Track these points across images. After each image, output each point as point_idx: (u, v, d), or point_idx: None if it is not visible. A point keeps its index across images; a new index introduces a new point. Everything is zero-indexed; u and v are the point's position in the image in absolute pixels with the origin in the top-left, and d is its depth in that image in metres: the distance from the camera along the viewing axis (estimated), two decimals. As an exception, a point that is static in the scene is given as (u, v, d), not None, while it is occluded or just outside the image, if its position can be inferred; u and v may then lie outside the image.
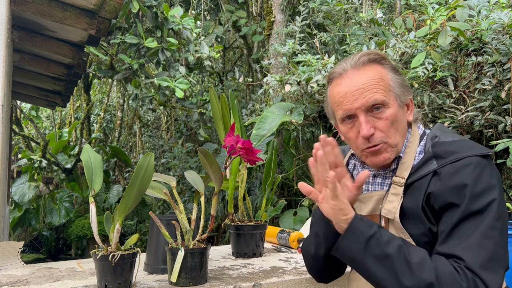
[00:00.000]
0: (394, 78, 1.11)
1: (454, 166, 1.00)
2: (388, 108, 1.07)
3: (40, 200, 5.67)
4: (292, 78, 3.05)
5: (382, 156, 1.08)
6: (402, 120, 1.10)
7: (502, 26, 2.18)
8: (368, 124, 1.06)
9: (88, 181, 1.31)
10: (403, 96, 1.11)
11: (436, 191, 1.00)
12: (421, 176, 1.05)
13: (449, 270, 0.92)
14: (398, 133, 1.09)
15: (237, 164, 1.76)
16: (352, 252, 0.98)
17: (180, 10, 3.98)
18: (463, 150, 1.02)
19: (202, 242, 1.39)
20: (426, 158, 1.06)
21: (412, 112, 1.15)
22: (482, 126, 2.29)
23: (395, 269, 0.93)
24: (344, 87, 1.09)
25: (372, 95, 1.06)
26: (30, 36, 3.02)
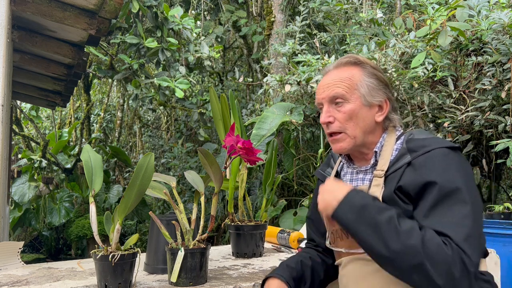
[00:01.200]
0: (365, 80, 1.25)
1: (425, 156, 1.12)
2: (348, 103, 1.23)
3: (40, 200, 5.67)
4: (292, 78, 3.05)
5: (338, 144, 1.24)
6: (365, 117, 1.24)
7: (502, 26, 2.18)
8: (327, 113, 1.25)
9: (88, 181, 1.31)
10: (369, 97, 1.24)
11: (411, 180, 1.11)
12: (397, 168, 1.16)
13: (436, 240, 0.98)
14: (358, 128, 1.23)
15: (237, 164, 1.76)
16: (347, 220, 1.09)
17: (180, 10, 3.98)
18: (433, 143, 1.15)
19: (202, 242, 1.39)
20: (401, 152, 1.19)
21: (384, 114, 1.26)
22: (482, 126, 2.29)
23: (384, 235, 1.01)
24: (321, 82, 1.31)
25: (334, 89, 1.24)
26: (30, 36, 3.02)
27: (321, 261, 1.39)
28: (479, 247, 1.02)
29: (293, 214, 3.34)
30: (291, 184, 3.67)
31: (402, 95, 2.66)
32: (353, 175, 1.32)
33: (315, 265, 1.36)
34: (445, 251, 0.97)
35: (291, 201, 3.84)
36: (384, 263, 1.03)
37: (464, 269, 0.96)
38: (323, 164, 1.48)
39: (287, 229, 2.04)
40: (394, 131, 1.27)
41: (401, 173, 1.14)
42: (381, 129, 1.27)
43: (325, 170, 1.44)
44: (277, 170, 3.64)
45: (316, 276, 1.35)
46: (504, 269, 2.32)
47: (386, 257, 1.01)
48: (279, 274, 1.26)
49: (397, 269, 1.00)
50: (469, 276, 0.96)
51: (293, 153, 3.46)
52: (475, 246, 1.00)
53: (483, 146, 2.75)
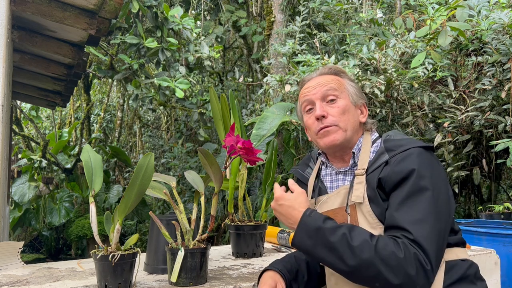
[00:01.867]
0: (350, 83, 1.37)
1: (401, 154, 1.19)
2: (340, 99, 1.31)
3: (40, 200, 5.67)
4: (292, 78, 3.05)
5: (332, 136, 1.28)
6: (353, 115, 1.32)
7: (502, 26, 2.18)
8: (322, 108, 1.31)
9: (88, 181, 1.31)
10: (356, 97, 1.34)
11: (386, 175, 1.18)
12: (376, 167, 1.23)
13: (388, 248, 1.05)
14: (350, 123, 1.30)
15: (237, 164, 1.76)
16: (305, 246, 1.14)
17: (180, 10, 3.98)
18: (409, 143, 1.21)
19: (202, 242, 1.39)
20: (379, 152, 1.26)
21: (366, 117, 1.36)
22: (482, 126, 2.29)
23: (340, 254, 1.07)
24: (307, 85, 1.38)
25: (328, 84, 1.33)
26: (30, 36, 3.02)
27: None
28: (439, 243, 1.08)
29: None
30: (291, 184, 3.66)
31: (402, 95, 2.66)
32: (333, 176, 1.37)
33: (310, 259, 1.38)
34: (397, 255, 1.03)
35: (291, 201, 3.83)
36: (348, 277, 1.10)
37: (419, 267, 1.03)
38: (301, 164, 1.52)
39: (287, 229, 2.04)
40: (369, 134, 1.35)
41: (380, 171, 1.20)
42: (361, 131, 1.35)
43: (304, 170, 1.49)
44: (277, 170, 3.64)
45: (313, 269, 1.37)
46: (504, 269, 2.32)
47: (347, 272, 1.08)
48: (273, 266, 1.30)
49: (360, 280, 1.08)
50: (425, 272, 1.04)
51: (293, 153, 3.46)
52: (435, 242, 1.07)
53: (483, 146, 2.75)
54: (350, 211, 1.25)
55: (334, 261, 1.09)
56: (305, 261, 1.37)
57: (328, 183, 1.37)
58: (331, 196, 1.33)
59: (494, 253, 1.75)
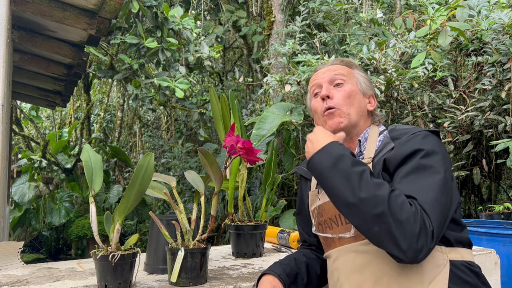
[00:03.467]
0: (360, 73, 1.39)
1: (406, 138, 1.19)
2: (347, 84, 1.33)
3: (40, 200, 5.67)
4: (292, 78, 3.05)
5: (336, 119, 1.29)
6: (359, 101, 1.33)
7: (502, 26, 2.18)
8: (327, 89, 1.33)
9: (88, 181, 1.31)
10: (365, 86, 1.36)
11: (390, 156, 1.17)
12: (382, 155, 1.22)
13: (402, 198, 1.03)
14: (353, 107, 1.31)
15: (237, 164, 1.76)
16: (322, 165, 1.14)
17: (180, 10, 3.98)
18: (414, 129, 1.22)
19: (202, 242, 1.39)
20: (385, 141, 1.25)
21: (374, 107, 1.37)
22: (482, 126, 2.29)
23: (354, 184, 1.06)
24: (317, 72, 1.41)
25: (336, 69, 1.35)
26: (30, 36, 3.02)
27: (316, 257, 1.41)
28: (442, 214, 1.05)
29: (293, 214, 3.34)
30: (291, 184, 3.67)
31: (402, 95, 2.66)
32: None
33: (310, 261, 1.37)
34: (408, 207, 1.01)
35: (291, 201, 3.84)
36: (348, 211, 1.06)
37: (423, 227, 1.00)
38: (304, 162, 1.49)
39: (287, 229, 2.04)
40: (377, 127, 1.35)
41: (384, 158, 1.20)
42: (368, 120, 1.35)
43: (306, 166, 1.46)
44: (277, 170, 3.64)
45: (313, 271, 1.36)
46: (504, 269, 2.32)
47: (351, 203, 1.04)
48: (272, 270, 1.28)
49: (360, 216, 1.03)
50: (427, 233, 1.00)
51: (293, 153, 3.46)
52: (438, 211, 1.04)
53: (483, 146, 2.75)
54: None
55: (344, 188, 1.06)
56: (305, 263, 1.36)
57: None
58: None
59: (494, 253, 1.75)
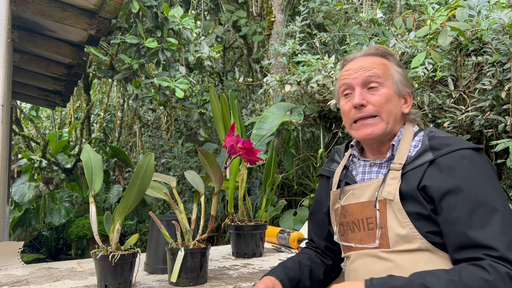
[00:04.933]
0: (396, 69, 1.24)
1: (451, 157, 1.08)
2: (383, 87, 1.19)
3: (40, 200, 5.67)
4: (292, 78, 3.05)
5: (370, 129, 1.19)
6: (396, 105, 1.21)
7: (502, 26, 2.18)
8: (361, 95, 1.19)
9: (88, 181, 1.31)
10: (401, 86, 1.22)
11: (437, 182, 1.07)
12: (418, 165, 1.13)
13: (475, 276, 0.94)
14: (392, 114, 1.19)
15: (237, 164, 1.76)
16: None
17: (180, 10, 3.98)
18: (457, 143, 1.11)
19: (202, 242, 1.39)
20: (422, 149, 1.15)
21: (409, 107, 1.25)
22: (482, 126, 2.29)
23: None
24: (349, 66, 1.25)
25: (371, 69, 1.20)
26: (30, 36, 3.02)
27: (320, 261, 1.38)
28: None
29: (293, 214, 3.34)
30: (291, 184, 3.67)
31: (402, 95, 2.65)
32: (366, 167, 1.27)
33: (313, 265, 1.35)
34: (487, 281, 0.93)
35: (291, 201, 3.84)
36: None
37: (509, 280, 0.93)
38: (327, 162, 1.45)
39: (287, 229, 2.04)
40: (411, 126, 1.24)
41: (423, 171, 1.11)
42: (402, 122, 1.25)
43: (330, 166, 1.40)
44: (277, 170, 3.64)
45: (315, 276, 1.34)
46: (504, 269, 2.32)
47: None
48: (274, 273, 1.26)
49: None
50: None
51: (293, 153, 3.46)
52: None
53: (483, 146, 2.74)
54: (379, 207, 1.15)
55: None
56: (309, 268, 1.33)
57: (360, 175, 1.27)
58: (360, 187, 1.24)
59: (494, 253, 1.74)
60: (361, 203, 1.22)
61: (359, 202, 1.23)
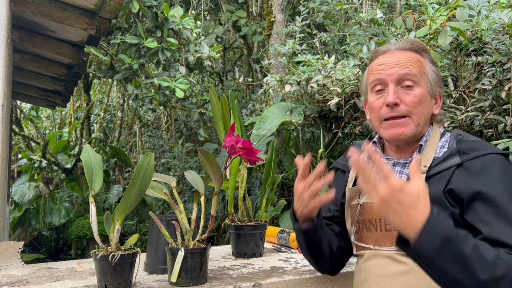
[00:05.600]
0: (431, 68, 1.19)
1: (482, 160, 1.06)
2: (418, 87, 1.14)
3: (40, 200, 5.67)
4: (292, 78, 3.05)
5: (401, 129, 1.14)
6: (428, 106, 1.17)
7: (502, 26, 2.18)
8: (396, 94, 1.13)
9: (88, 181, 1.31)
10: (435, 86, 1.18)
11: (465, 184, 1.04)
12: (445, 168, 1.09)
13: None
14: (423, 116, 1.15)
15: (237, 164, 1.76)
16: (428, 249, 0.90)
17: (180, 10, 3.98)
18: (485, 147, 1.09)
19: (202, 242, 1.39)
20: (450, 152, 1.11)
21: (439, 108, 1.21)
22: (482, 126, 2.29)
23: (471, 267, 0.89)
24: (383, 59, 1.19)
25: (408, 66, 1.14)
26: (30, 36, 3.02)
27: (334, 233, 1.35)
28: None
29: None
30: (291, 184, 3.67)
31: (402, 95, 2.66)
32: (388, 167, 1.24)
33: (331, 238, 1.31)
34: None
35: (291, 201, 3.83)
36: None
37: None
38: (343, 156, 1.40)
39: (287, 229, 2.04)
40: (438, 127, 1.21)
41: (450, 174, 1.07)
42: (430, 122, 1.21)
43: (347, 160, 1.33)
44: (277, 170, 3.64)
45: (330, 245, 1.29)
46: (504, 269, 2.32)
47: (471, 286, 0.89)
48: None
49: None
50: None
51: (293, 153, 3.46)
52: None
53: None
54: None
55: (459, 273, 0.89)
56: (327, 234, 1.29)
57: None
58: None
59: (494, 253, 1.74)
60: None
61: None
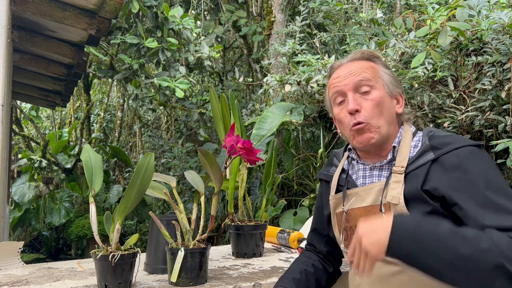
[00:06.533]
0: (384, 71, 1.25)
1: (456, 155, 1.08)
2: (375, 91, 1.19)
3: (40, 200, 5.67)
4: (292, 78, 3.05)
5: (366, 135, 1.18)
6: (388, 107, 1.21)
7: (502, 26, 2.18)
8: (355, 101, 1.18)
9: (88, 181, 1.31)
10: (392, 87, 1.23)
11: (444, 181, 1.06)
12: (419, 165, 1.12)
13: (505, 238, 0.91)
14: (382, 117, 1.18)
15: (237, 164, 1.76)
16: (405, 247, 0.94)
17: (180, 10, 3.98)
18: (457, 141, 1.11)
19: (202, 242, 1.39)
20: (423, 149, 1.14)
21: (402, 107, 1.25)
22: (482, 126, 2.29)
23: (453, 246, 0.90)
24: (338, 73, 1.26)
25: (361, 73, 1.20)
26: (30, 36, 3.02)
27: (323, 268, 1.38)
28: None
29: (293, 214, 3.34)
30: (291, 184, 3.67)
31: (402, 95, 2.66)
32: (366, 171, 1.26)
33: (318, 273, 1.34)
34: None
35: (291, 201, 3.84)
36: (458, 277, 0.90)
37: None
38: (325, 165, 1.44)
39: (287, 229, 2.04)
40: (409, 126, 1.24)
41: (426, 171, 1.10)
42: (397, 123, 1.24)
43: (328, 170, 1.39)
44: (277, 170, 3.64)
45: (320, 284, 1.33)
46: (504, 269, 2.32)
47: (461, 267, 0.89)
48: (285, 285, 1.24)
49: (474, 277, 0.88)
50: None
51: (293, 153, 3.46)
52: None
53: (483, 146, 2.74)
54: (385, 211, 1.14)
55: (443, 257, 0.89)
56: (315, 277, 1.32)
57: (360, 179, 1.26)
58: (361, 191, 1.23)
59: (494, 253, 1.74)
60: (365, 207, 1.21)
61: (362, 206, 1.21)
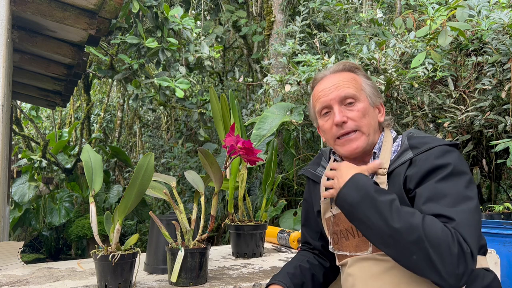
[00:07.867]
0: (366, 82, 1.31)
1: (428, 153, 1.15)
2: (360, 102, 1.25)
3: (40, 200, 5.67)
4: (292, 78, 3.05)
5: (355, 144, 1.24)
6: (373, 116, 1.28)
7: (502, 26, 2.18)
8: (341, 113, 1.24)
9: (88, 181, 1.31)
10: (374, 97, 1.30)
11: (412, 173, 1.14)
12: (399, 164, 1.18)
13: (437, 222, 1.01)
14: (367, 127, 1.25)
15: (237, 164, 1.76)
16: (351, 199, 1.09)
17: (180, 10, 3.98)
18: (434, 141, 1.17)
19: (202, 242, 1.39)
20: (403, 149, 1.21)
21: (383, 116, 1.32)
22: (482, 126, 2.29)
23: (386, 214, 1.03)
24: (322, 85, 1.30)
25: (345, 89, 1.25)
26: (30, 36, 3.02)
27: (319, 264, 1.39)
28: (476, 232, 1.04)
29: (293, 214, 3.34)
30: (291, 184, 3.67)
31: (402, 95, 2.66)
32: None
33: (314, 268, 1.35)
34: (445, 231, 0.98)
35: (291, 201, 3.84)
36: (383, 242, 1.04)
37: (460, 250, 0.98)
38: (312, 163, 1.46)
39: (287, 229, 2.04)
40: (389, 131, 1.31)
41: (405, 169, 1.16)
42: (379, 130, 1.31)
43: (316, 169, 1.42)
44: (277, 170, 3.64)
45: (317, 280, 1.34)
46: (504, 269, 2.32)
47: (386, 234, 1.02)
48: (280, 280, 1.25)
49: (396, 247, 1.01)
50: (465, 256, 0.98)
51: (293, 153, 3.46)
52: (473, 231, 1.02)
53: (483, 146, 2.75)
54: None
55: (376, 220, 1.03)
56: (310, 272, 1.33)
57: None
58: None
59: (494, 253, 1.74)
60: None
61: None
